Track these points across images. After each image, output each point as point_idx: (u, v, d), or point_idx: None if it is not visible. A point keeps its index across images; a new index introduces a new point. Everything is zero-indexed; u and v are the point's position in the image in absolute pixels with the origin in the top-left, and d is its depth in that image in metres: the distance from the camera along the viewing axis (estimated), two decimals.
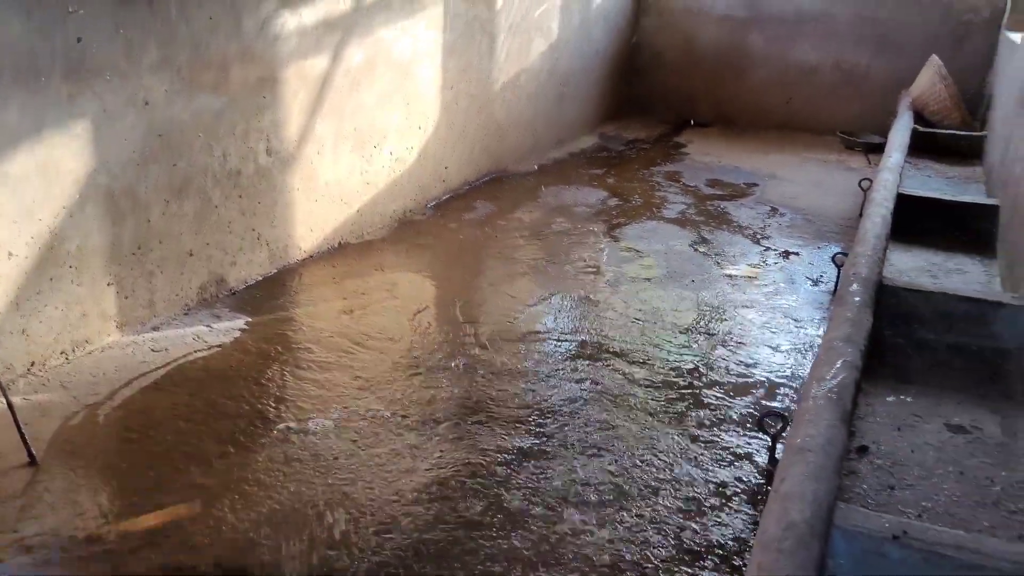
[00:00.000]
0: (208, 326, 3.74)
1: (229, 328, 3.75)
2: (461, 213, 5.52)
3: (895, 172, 5.07)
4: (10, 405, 2.72)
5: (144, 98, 3.44)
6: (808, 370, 3.49)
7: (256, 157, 4.07)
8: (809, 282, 4.71)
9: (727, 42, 8.54)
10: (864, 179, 5.87)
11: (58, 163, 3.15)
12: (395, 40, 4.91)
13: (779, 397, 3.44)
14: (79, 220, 3.28)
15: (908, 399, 3.08)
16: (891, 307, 3.45)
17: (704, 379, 3.54)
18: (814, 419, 2.25)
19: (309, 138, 4.39)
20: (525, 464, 2.89)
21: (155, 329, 3.66)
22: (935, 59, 6.99)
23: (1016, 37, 6.11)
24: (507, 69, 6.26)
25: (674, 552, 2.51)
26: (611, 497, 2.74)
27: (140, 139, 3.45)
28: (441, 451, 2.95)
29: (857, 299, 3.12)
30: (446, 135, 5.65)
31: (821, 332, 4.06)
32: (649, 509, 2.69)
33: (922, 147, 6.53)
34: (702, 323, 4.09)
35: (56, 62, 3.06)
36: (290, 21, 4.09)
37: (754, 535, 2.38)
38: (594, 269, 4.70)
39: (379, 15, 4.72)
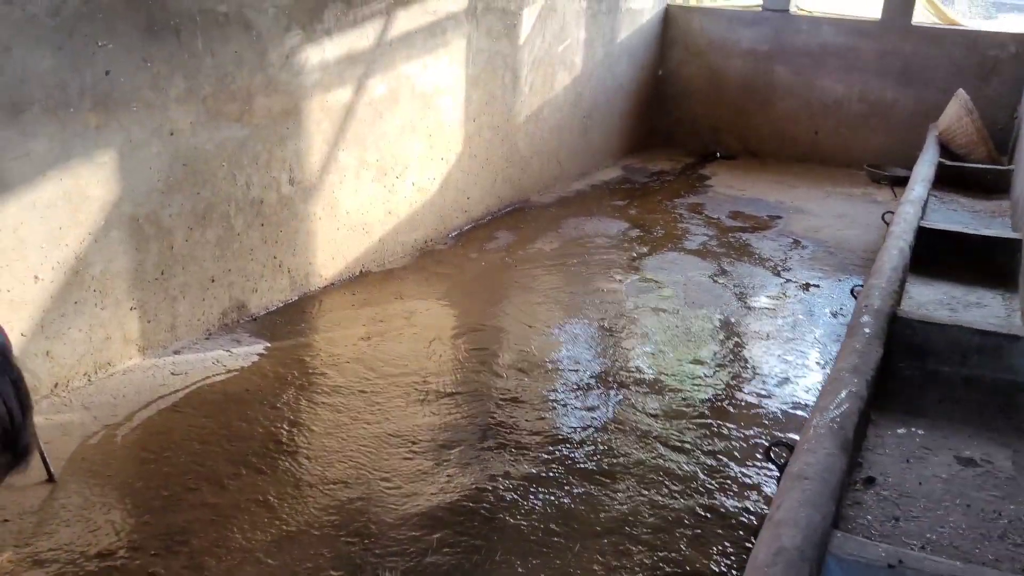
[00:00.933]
0: (228, 351, 3.82)
1: (248, 353, 3.82)
2: (482, 243, 5.58)
3: (916, 205, 5.06)
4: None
5: (170, 128, 3.55)
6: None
7: (279, 186, 4.16)
8: (828, 314, 4.69)
9: (752, 75, 8.57)
10: (887, 212, 5.84)
11: (84, 190, 3.25)
12: (418, 74, 5.01)
13: (792, 428, 3.44)
14: (104, 245, 3.38)
15: (919, 431, 3.06)
16: (905, 339, 3.44)
17: (717, 410, 3.55)
18: (814, 448, 2.26)
19: (332, 168, 4.48)
20: (533, 490, 2.92)
21: (176, 353, 3.74)
22: (962, 93, 6.97)
23: None
24: (530, 102, 6.35)
25: None
26: (617, 526, 2.75)
27: (165, 168, 3.56)
28: (449, 475, 2.98)
29: (867, 330, 3.12)
30: (468, 166, 5.73)
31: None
32: (659, 540, 2.70)
33: (949, 181, 6.48)
34: (719, 354, 4.10)
35: (85, 94, 3.17)
36: (314, 55, 4.20)
37: None
38: (613, 299, 4.72)
39: (402, 50, 4.83)
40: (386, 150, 4.89)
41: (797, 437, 3.34)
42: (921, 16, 8.19)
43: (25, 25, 2.94)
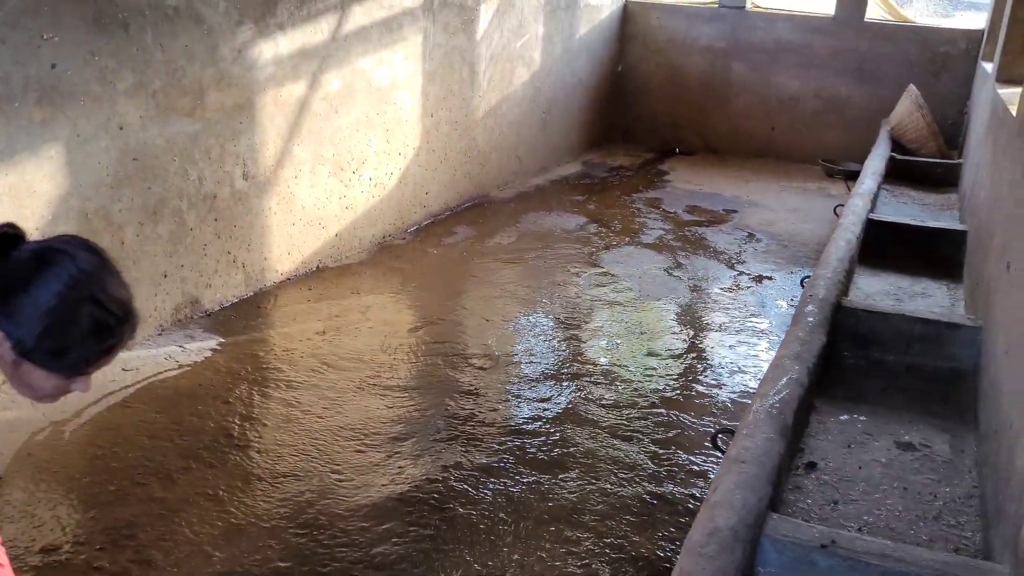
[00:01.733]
0: (181, 346, 3.80)
1: (201, 348, 3.81)
2: (441, 238, 5.59)
3: (865, 198, 5.16)
4: None
5: (118, 123, 3.52)
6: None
7: (232, 181, 4.15)
8: (780, 305, 4.77)
9: (711, 71, 8.66)
10: (839, 205, 5.94)
11: (30, 185, 3.22)
12: (373, 68, 5.01)
13: (728, 415, 3.49)
14: None
15: (861, 418, 3.13)
16: (849, 328, 3.51)
17: (668, 399, 3.60)
18: (752, 432, 2.31)
19: (286, 162, 4.47)
20: (484, 480, 2.94)
21: (126, 349, 3.71)
22: (913, 89, 7.10)
23: (988, 67, 6.21)
24: (489, 97, 6.37)
25: (625, 565, 2.55)
26: (565, 514, 2.79)
27: (114, 162, 3.54)
28: (400, 467, 3.00)
29: (811, 319, 3.18)
30: (427, 161, 5.74)
31: None
32: (605, 526, 2.74)
33: (900, 174, 6.60)
34: (671, 345, 4.15)
35: (29, 87, 3.15)
36: (267, 49, 4.19)
37: None
38: (569, 293, 4.76)
39: (357, 45, 4.83)
40: (342, 145, 4.89)
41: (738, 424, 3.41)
42: (874, 13, 8.33)
43: None
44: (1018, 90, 4.81)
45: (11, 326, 1.33)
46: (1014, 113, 3.81)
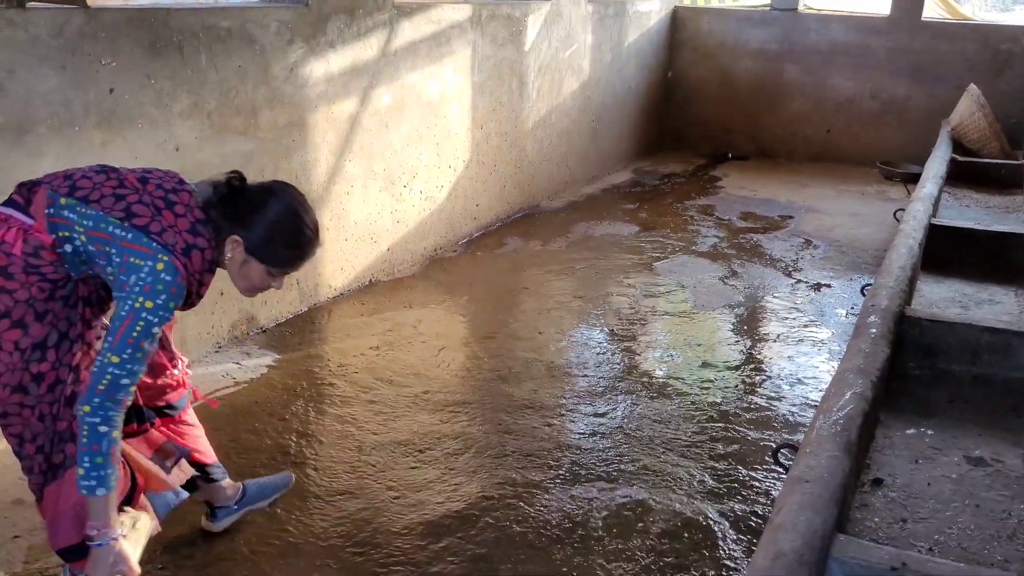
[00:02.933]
0: (237, 363, 3.84)
1: (257, 365, 3.84)
2: (492, 249, 5.58)
3: (927, 202, 5.02)
4: None
5: (175, 144, 3.58)
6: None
7: None
8: (840, 314, 4.67)
9: (763, 75, 8.54)
10: (899, 210, 5.80)
11: None
12: (423, 83, 5.03)
13: (803, 430, 3.41)
14: None
15: (928, 431, 3.03)
16: (913, 338, 3.41)
17: (726, 413, 3.53)
18: (816, 450, 2.24)
19: (338, 178, 4.50)
20: (539, 496, 2.91)
21: (186, 366, 3.76)
22: (973, 88, 6.91)
23: None
24: (538, 107, 6.36)
25: None
26: (622, 532, 2.75)
27: None
28: (456, 484, 2.98)
29: (873, 331, 3.10)
30: (477, 173, 5.74)
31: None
32: (663, 545, 2.69)
33: (961, 177, 6.42)
34: (728, 357, 4.08)
35: (89, 112, 3.21)
36: (318, 67, 4.23)
37: None
38: (623, 304, 4.71)
39: (406, 60, 4.85)
40: (393, 160, 4.91)
41: (800, 438, 3.33)
42: (931, 11, 8.14)
43: (28, 46, 2.97)
44: None
45: (246, 233, 2.01)
46: None
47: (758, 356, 4.10)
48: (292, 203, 2.08)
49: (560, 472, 3.07)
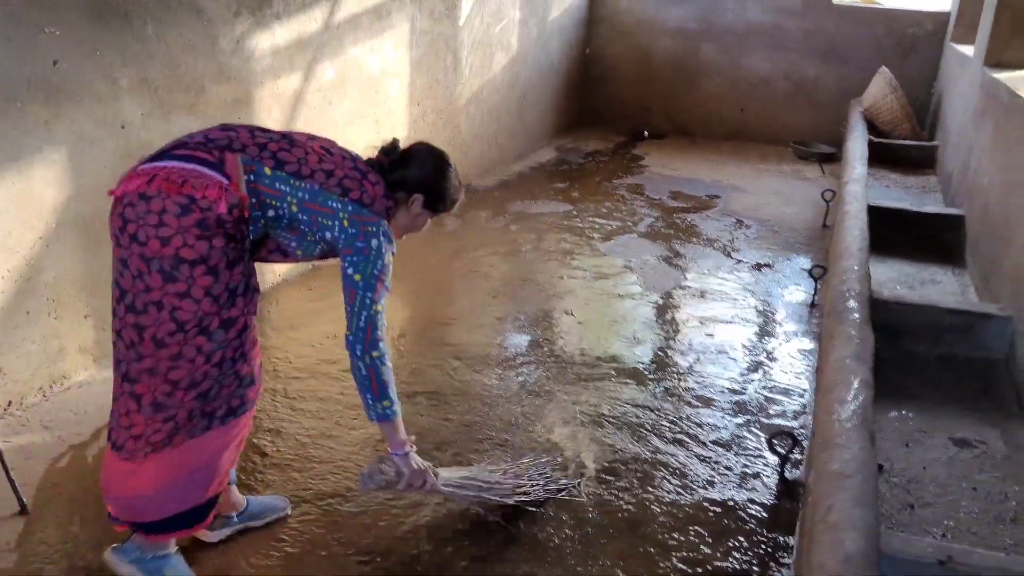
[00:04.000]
0: None
1: None
2: (432, 230, 5.42)
3: (862, 184, 5.15)
4: None
5: (121, 121, 3.30)
6: (814, 387, 3.51)
7: None
8: (789, 294, 4.75)
9: (680, 54, 8.62)
10: (827, 190, 5.96)
11: (36, 192, 2.99)
12: (364, 58, 4.82)
13: (765, 413, 3.45)
14: (56, 250, 3.13)
15: (910, 414, 3.11)
16: (881, 321, 3.48)
17: (703, 398, 3.53)
18: (847, 442, 2.24)
19: None
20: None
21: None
22: (885, 71, 7.15)
23: (967, 50, 6.28)
24: (471, 84, 6.22)
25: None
26: (628, 527, 2.71)
27: (117, 163, 3.31)
28: None
29: (856, 316, 3.14)
30: None
31: (803, 344, 4.09)
32: (674, 539, 2.67)
33: (876, 157, 6.65)
34: (693, 340, 4.09)
35: (33, 87, 2.91)
36: (264, 40, 3.98)
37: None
38: (573, 286, 4.67)
39: (349, 33, 4.63)
40: (336, 137, 4.64)
41: (794, 426, 3.35)
42: None
43: None
44: (1020, 74, 4.86)
45: (419, 189, 2.38)
46: None
47: (719, 339, 4.12)
48: (439, 158, 2.46)
49: (507, 450, 3.00)
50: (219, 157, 2.08)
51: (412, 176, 2.38)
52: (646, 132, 8.79)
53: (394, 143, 2.49)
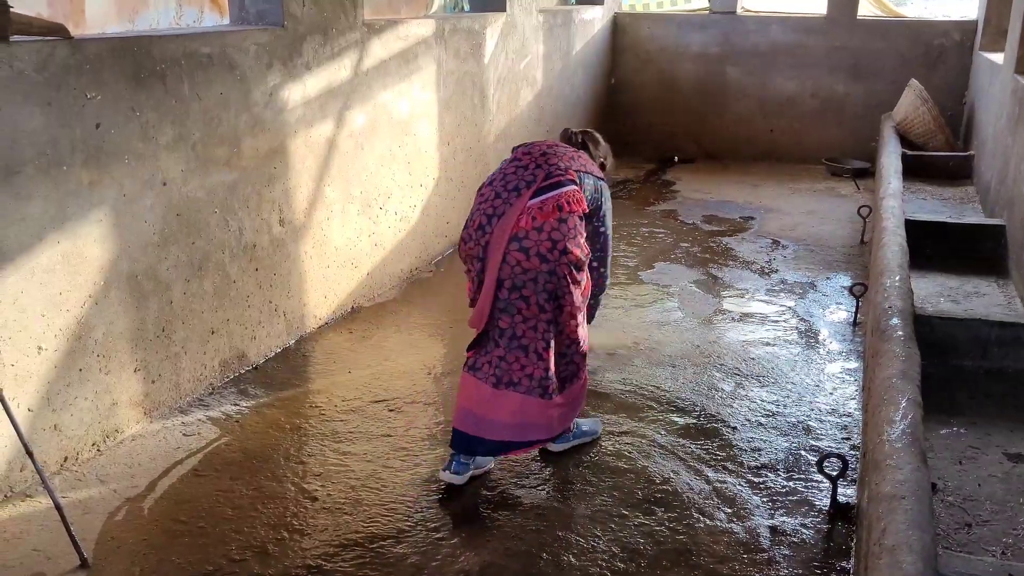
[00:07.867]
0: (236, 404, 3.66)
1: (259, 405, 3.66)
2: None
3: (898, 198, 5.12)
4: (58, 506, 2.60)
5: (162, 178, 3.39)
6: (862, 408, 3.48)
7: (270, 228, 4.02)
8: (831, 314, 4.71)
9: (705, 77, 8.65)
10: (863, 206, 5.93)
11: (82, 251, 3.08)
12: (394, 101, 4.90)
13: (813, 436, 3.41)
14: (104, 307, 3.20)
15: (961, 430, 3.06)
16: (925, 336, 3.44)
17: (748, 423, 3.51)
18: (898, 463, 2.22)
19: (318, 204, 4.35)
20: (588, 526, 2.83)
21: (182, 412, 3.57)
22: (915, 82, 7.11)
23: (997, 58, 6.23)
24: (498, 120, 6.28)
25: None
26: (678, 557, 2.69)
27: (159, 220, 3.40)
28: (498, 518, 2.87)
29: (900, 333, 3.11)
30: (446, 190, 5.64)
31: (848, 363, 4.05)
32: (726, 567, 2.64)
33: (911, 170, 6.60)
34: (735, 366, 4.06)
35: (76, 150, 3.00)
36: (295, 91, 4.07)
37: None
38: (614, 315, 4.66)
39: (378, 79, 4.72)
40: (368, 181, 4.77)
41: (845, 449, 3.31)
42: (865, 10, 8.37)
43: (13, 83, 2.76)
44: None
45: (603, 156, 3.55)
46: None
47: (762, 362, 4.09)
48: (599, 135, 3.59)
49: (603, 498, 2.99)
50: (563, 178, 3.05)
51: (594, 148, 3.52)
52: (676, 157, 8.80)
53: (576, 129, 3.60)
